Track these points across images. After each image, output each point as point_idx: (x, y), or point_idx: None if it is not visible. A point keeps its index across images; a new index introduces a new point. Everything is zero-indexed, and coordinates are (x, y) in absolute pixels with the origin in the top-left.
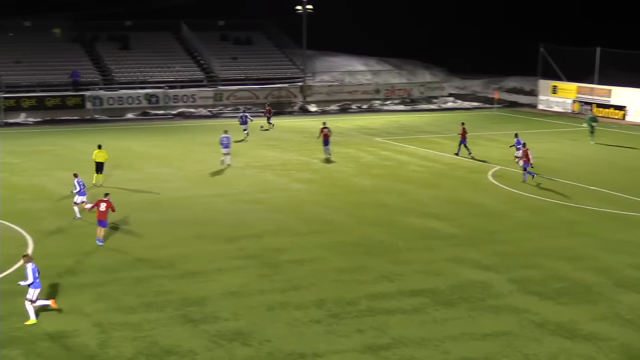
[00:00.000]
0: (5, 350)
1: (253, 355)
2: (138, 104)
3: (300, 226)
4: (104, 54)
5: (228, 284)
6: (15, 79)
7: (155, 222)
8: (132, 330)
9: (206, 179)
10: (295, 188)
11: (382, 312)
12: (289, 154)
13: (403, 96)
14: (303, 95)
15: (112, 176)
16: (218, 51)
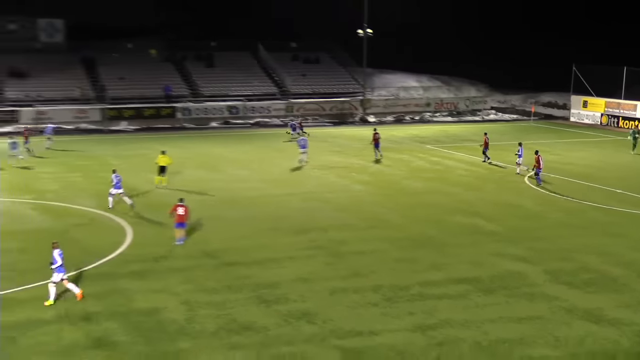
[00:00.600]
0: (107, 323)
1: (317, 332)
2: (220, 114)
3: (361, 222)
4: (192, 71)
5: (297, 270)
6: (118, 93)
7: (235, 217)
8: (215, 309)
9: (279, 180)
10: (356, 189)
11: (430, 297)
12: (350, 158)
13: (450, 109)
14: (363, 107)
15: (196, 176)
16: (290, 69)
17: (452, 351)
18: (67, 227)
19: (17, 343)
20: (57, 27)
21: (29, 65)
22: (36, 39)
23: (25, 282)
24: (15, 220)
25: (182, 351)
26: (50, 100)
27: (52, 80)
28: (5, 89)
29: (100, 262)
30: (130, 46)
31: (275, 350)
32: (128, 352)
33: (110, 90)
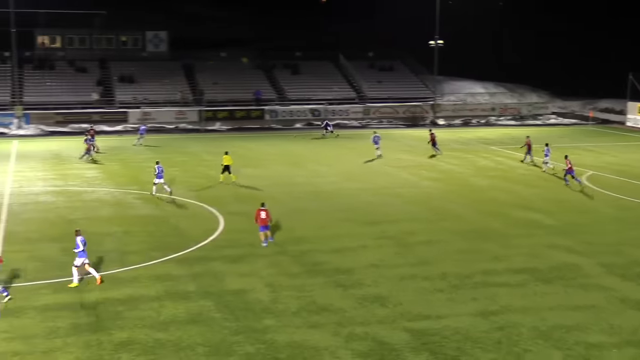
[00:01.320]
0: (202, 301)
1: (389, 314)
2: (304, 117)
3: (429, 215)
4: (280, 78)
5: (370, 258)
6: (213, 96)
7: (315, 209)
8: (296, 291)
9: (354, 175)
10: (425, 185)
11: (492, 285)
12: (420, 157)
13: (514, 113)
14: (433, 111)
15: (281, 172)
16: (367, 76)
17: (512, 335)
18: (167, 215)
19: (123, 316)
20: (161, 38)
21: (136, 71)
22: (144, 49)
23: (129, 263)
24: (121, 208)
25: (267, 327)
26: (154, 102)
27: (157, 85)
28: (117, 93)
29: (196, 247)
30: (224, 55)
31: (350, 329)
32: (220, 327)
33: (207, 94)
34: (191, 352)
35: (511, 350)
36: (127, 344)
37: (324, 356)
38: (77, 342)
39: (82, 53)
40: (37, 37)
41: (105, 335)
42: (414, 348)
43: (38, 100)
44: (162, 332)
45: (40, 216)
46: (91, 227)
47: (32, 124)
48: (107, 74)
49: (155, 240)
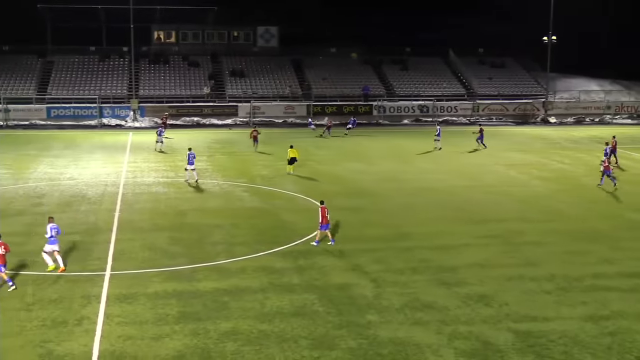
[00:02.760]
0: (305, 294)
1: (494, 315)
2: (412, 113)
3: (538, 215)
4: (388, 73)
5: (475, 256)
6: (322, 91)
7: (422, 205)
8: (400, 287)
9: (461, 173)
10: (535, 184)
11: (603, 289)
12: (530, 156)
13: (631, 112)
14: (545, 109)
15: (390, 167)
16: (477, 72)
17: (624, 341)
18: (274, 209)
19: (228, 307)
20: (272, 33)
21: (247, 66)
22: (254, 44)
23: (236, 254)
24: (229, 200)
25: (370, 323)
26: (263, 97)
27: (266, 80)
28: (227, 87)
29: (301, 240)
30: (333, 50)
31: (453, 328)
32: (323, 320)
33: (315, 89)
34: (294, 344)
35: (623, 357)
36: (232, 334)
37: (427, 354)
38: (184, 330)
39: (195, 48)
40: (154, 33)
41: (211, 324)
42: (519, 350)
43: (152, 93)
44: (266, 324)
45: (152, 206)
46: (200, 218)
47: (147, 117)
48: (218, 68)
49: (261, 233)
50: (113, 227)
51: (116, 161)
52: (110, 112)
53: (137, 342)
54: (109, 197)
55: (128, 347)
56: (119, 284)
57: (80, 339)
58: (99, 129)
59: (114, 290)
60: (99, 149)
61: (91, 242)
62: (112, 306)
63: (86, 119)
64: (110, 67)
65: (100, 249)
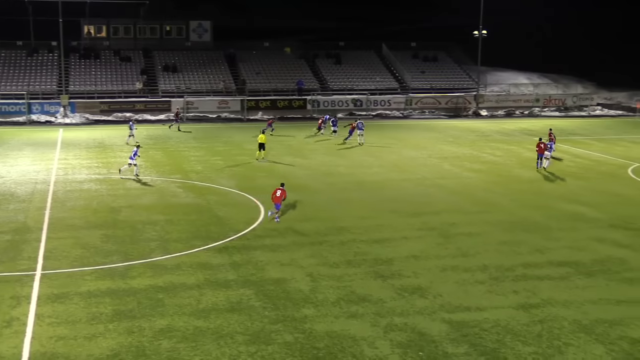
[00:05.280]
0: (241, 290)
1: (428, 306)
2: (346, 107)
3: (471, 206)
4: (322, 68)
5: (411, 249)
6: (256, 86)
7: (358, 199)
8: (336, 281)
9: (397, 166)
10: (467, 176)
11: (534, 278)
12: (463, 148)
13: (558, 105)
14: (476, 102)
15: (323, 161)
16: (410, 66)
17: (553, 328)
18: (209, 204)
19: (163, 304)
20: (205, 27)
21: (180, 61)
22: (187, 39)
23: (172, 251)
24: (164, 196)
25: (306, 317)
26: (197, 92)
27: (200, 75)
28: (160, 82)
29: (236, 236)
30: (267, 45)
31: (389, 320)
32: (260, 315)
33: (249, 84)
34: (231, 340)
35: (552, 343)
36: (167, 331)
37: (363, 346)
38: (119, 328)
39: (127, 42)
40: (84, 27)
41: (146, 321)
42: (453, 339)
43: (83, 89)
44: (202, 320)
45: (84, 204)
46: (134, 215)
47: (78, 113)
48: (151, 63)
49: (197, 228)
50: (44, 225)
51: (46, 158)
52: (40, 108)
53: (69, 342)
54: (39, 195)
55: (60, 347)
56: (51, 284)
57: (10, 341)
58: (27, 126)
59: (45, 290)
60: (27, 146)
61: (21, 241)
62: (43, 306)
63: (14, 115)
64: (38, 62)
65: (31, 248)
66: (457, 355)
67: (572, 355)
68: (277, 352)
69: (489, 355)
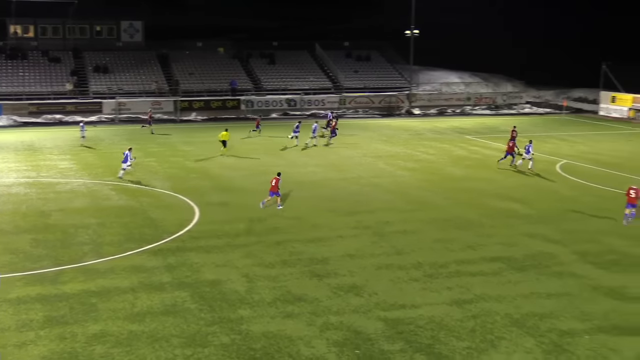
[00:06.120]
0: (176, 292)
1: (364, 304)
2: (280, 106)
3: (405, 205)
4: (256, 68)
5: (347, 247)
6: (189, 87)
7: (294, 198)
8: (272, 281)
9: (333, 165)
10: (401, 175)
11: (467, 274)
12: (397, 147)
13: (489, 103)
14: (409, 101)
15: (262, 161)
16: (343, 66)
17: (486, 323)
18: (142, 206)
19: (97, 308)
20: (137, 28)
21: (111, 61)
22: (118, 39)
23: (104, 254)
24: (96, 199)
25: (242, 318)
26: (129, 93)
27: (131, 75)
28: (91, 83)
29: (171, 238)
30: (200, 45)
31: (325, 319)
32: (195, 318)
33: (182, 84)
34: (166, 343)
35: (485, 338)
36: (100, 336)
37: (299, 346)
38: (50, 335)
39: (56, 43)
40: (9, 26)
41: (79, 327)
42: (388, 337)
43: (11, 90)
44: (137, 324)
45: (13, 208)
46: (65, 218)
47: (5, 115)
48: (81, 64)
49: (130, 231)
50: None
51: None
52: None
53: None
54: None
55: None
56: None
57: None
58: None
59: None
60: None
61: None
62: None
63: None
64: None
65: None
66: (392, 352)
67: (504, 349)
68: (213, 354)
69: (424, 351)
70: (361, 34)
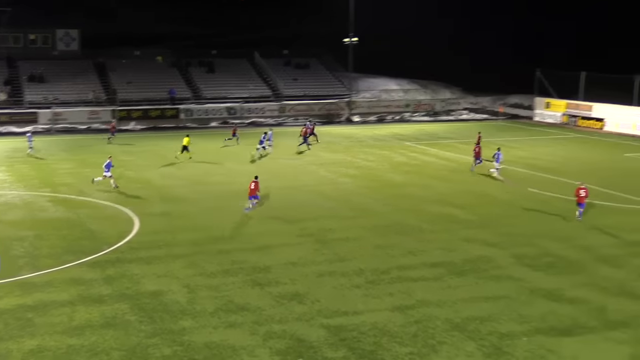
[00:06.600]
0: (116, 304)
1: (307, 312)
2: (220, 115)
3: (347, 212)
4: (195, 76)
5: (289, 256)
6: (127, 96)
7: (233, 207)
8: (213, 291)
9: (273, 173)
10: (343, 182)
11: (408, 280)
12: (338, 154)
13: (428, 109)
14: (349, 108)
15: (201, 170)
16: (282, 74)
17: (427, 328)
18: (80, 218)
19: (33, 323)
20: (73, 36)
21: (46, 70)
22: (54, 48)
23: (42, 267)
24: (32, 211)
25: (184, 329)
26: (65, 102)
27: (68, 85)
28: (26, 92)
29: (110, 249)
30: (137, 53)
31: (267, 328)
32: (136, 330)
33: (120, 94)
34: (106, 356)
35: (427, 343)
36: (37, 352)
37: (242, 356)
38: None
39: None
40: None
41: (14, 343)
42: (332, 344)
43: None
44: (75, 338)
45: None
46: (0, 231)
47: None
48: (15, 73)
49: (68, 243)
50: None
51: None
52: None
53: None
54: None
55: None
56: None
57: None
58: None
59: None
60: None
61: None
62: None
63: None
64: None
65: None
66: None
67: (445, 353)
68: None
69: (367, 357)
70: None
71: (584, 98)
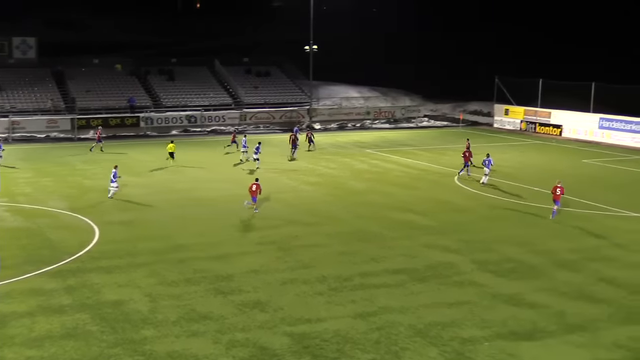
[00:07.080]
0: (77, 315)
1: (269, 320)
2: (180, 123)
3: (309, 219)
4: (155, 84)
5: (251, 264)
6: (86, 104)
7: (196, 215)
8: (175, 300)
9: (235, 181)
10: (304, 189)
11: (371, 286)
12: (299, 162)
13: (388, 117)
14: (310, 116)
15: (162, 178)
16: (243, 82)
17: (390, 334)
18: (39, 227)
19: None
20: (30, 44)
21: (3, 79)
22: (10, 56)
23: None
24: None
25: (146, 338)
26: (23, 111)
27: (25, 93)
28: None
29: (70, 259)
30: (96, 61)
31: (230, 336)
32: (97, 340)
33: (79, 102)
34: None
35: (389, 349)
36: None
37: None
38: None
39: None
40: None
41: None
42: (295, 352)
43: None
44: (35, 349)
45: None
46: None
47: None
48: None
49: (27, 253)
50: None
51: None
52: None
53: None
54: None
55: None
56: None
57: None
58: None
59: None
60: None
61: None
62: None
63: None
64: None
65: None
66: None
67: (408, 359)
68: None
69: None
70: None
71: (542, 105)
